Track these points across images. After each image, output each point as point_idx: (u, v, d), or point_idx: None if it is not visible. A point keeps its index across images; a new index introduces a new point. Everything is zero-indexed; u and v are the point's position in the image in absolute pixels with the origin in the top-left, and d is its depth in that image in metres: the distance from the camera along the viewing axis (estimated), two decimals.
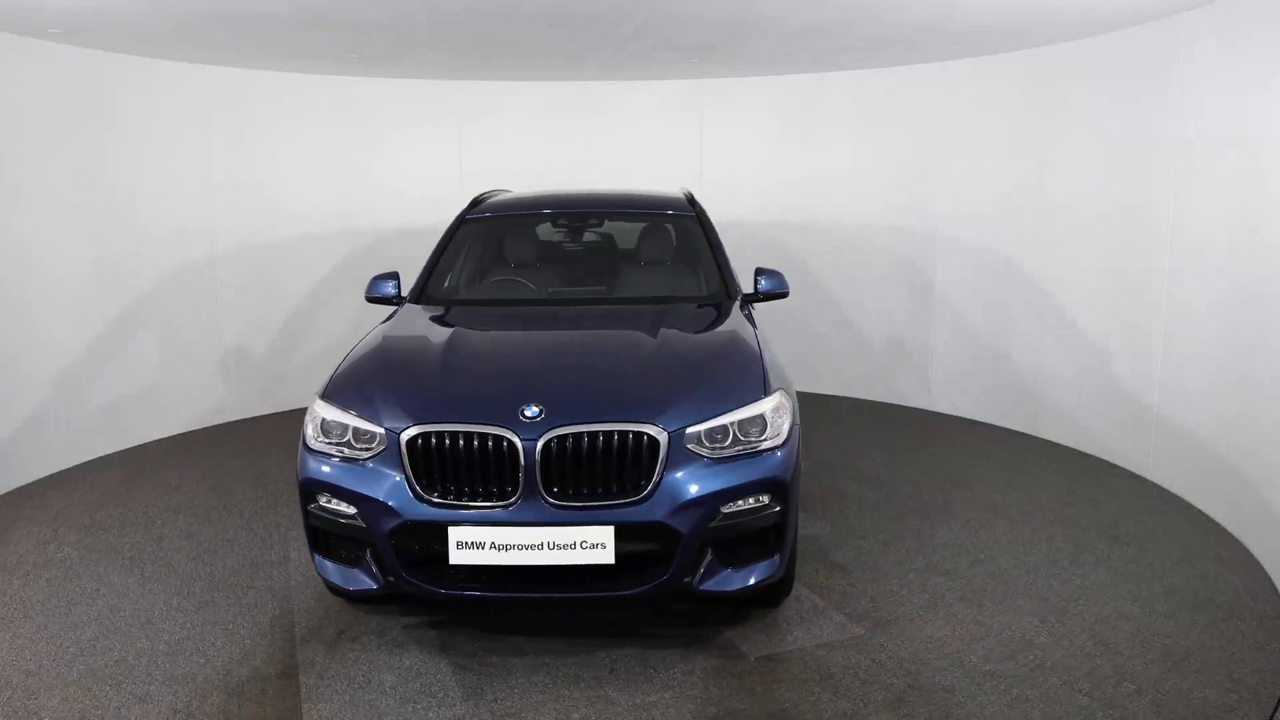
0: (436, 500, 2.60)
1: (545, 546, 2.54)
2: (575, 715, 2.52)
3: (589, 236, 4.32)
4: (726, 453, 2.64)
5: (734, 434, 2.68)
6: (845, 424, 5.37)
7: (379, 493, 2.61)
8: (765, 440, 2.70)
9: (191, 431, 5.31)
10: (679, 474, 2.57)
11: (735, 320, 3.33)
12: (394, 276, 3.77)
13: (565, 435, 2.57)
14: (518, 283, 3.93)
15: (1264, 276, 3.45)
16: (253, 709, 2.59)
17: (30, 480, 4.41)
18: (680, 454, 2.58)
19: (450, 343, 3.12)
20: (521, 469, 2.56)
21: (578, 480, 2.57)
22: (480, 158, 5.94)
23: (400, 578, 2.65)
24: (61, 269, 4.53)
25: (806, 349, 5.95)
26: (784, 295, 3.70)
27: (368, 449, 2.69)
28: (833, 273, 5.93)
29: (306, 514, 2.76)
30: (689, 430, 2.62)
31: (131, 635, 3.01)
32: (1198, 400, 3.95)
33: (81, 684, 2.71)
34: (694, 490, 2.56)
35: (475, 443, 2.59)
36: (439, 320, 3.45)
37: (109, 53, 4.66)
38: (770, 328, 3.98)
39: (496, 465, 2.58)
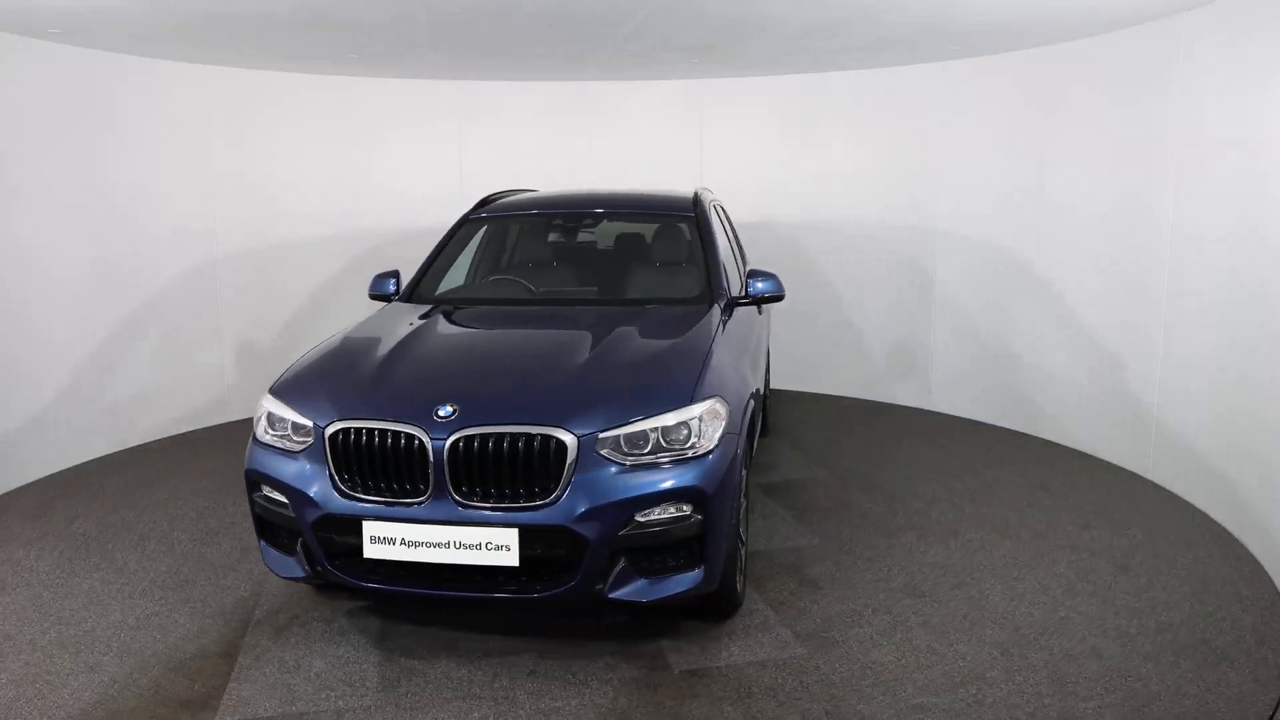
0: (354, 495, 2.67)
1: (452, 545, 2.57)
2: (475, 714, 2.53)
3: (586, 238, 4.33)
4: (644, 459, 2.60)
5: (656, 440, 2.63)
6: (856, 429, 5.29)
7: (306, 485, 2.72)
8: (690, 448, 2.63)
9: (193, 431, 5.44)
10: (589, 479, 2.54)
11: (704, 324, 3.25)
12: (394, 275, 3.90)
13: (474, 436, 2.59)
14: (507, 283, 3.99)
15: (1265, 276, 3.42)
16: (182, 685, 2.73)
17: (29, 480, 4.53)
18: (591, 459, 2.56)
19: (402, 342, 3.16)
20: (431, 467, 2.59)
21: (485, 481, 2.59)
22: (480, 158, 6.01)
23: (325, 568, 2.75)
24: (62, 269, 4.65)
25: (806, 349, 6.01)
26: (778, 298, 3.62)
27: (302, 443, 2.79)
28: (833, 273, 5.94)
29: (251, 502, 2.92)
30: (603, 435, 2.59)
31: (109, 608, 3.22)
32: (1198, 400, 3.97)
33: (47, 650, 2.92)
34: (603, 496, 2.52)
35: (389, 440, 2.65)
36: (413, 319, 3.49)
37: (109, 53, 4.78)
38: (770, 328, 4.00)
39: (408, 463, 2.63)
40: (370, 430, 2.67)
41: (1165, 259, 4.15)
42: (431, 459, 2.60)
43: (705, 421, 2.69)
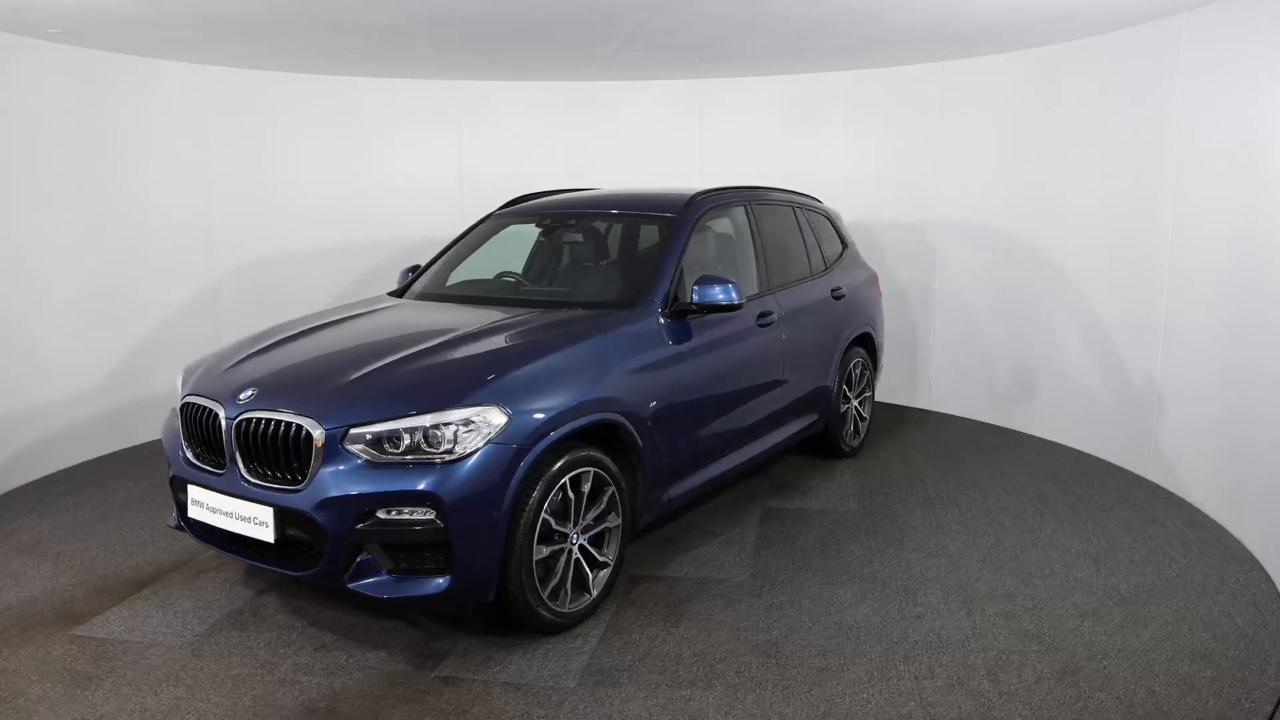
0: (188, 461, 3.03)
1: (233, 516, 2.84)
2: (242, 670, 2.82)
3: (574, 238, 4.25)
4: (392, 458, 2.64)
5: (412, 440, 2.65)
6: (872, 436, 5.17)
7: (171, 450, 3.13)
8: (445, 453, 2.64)
9: None
10: (332, 471, 2.65)
11: (583, 329, 3.17)
12: (413, 269, 4.13)
13: (251, 419, 2.82)
14: (481, 282, 4.01)
15: (1265, 276, 3.39)
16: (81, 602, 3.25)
17: (31, 481, 4.53)
18: (337, 452, 2.66)
19: (299, 330, 3.41)
20: (224, 443, 2.88)
21: (260, 461, 2.81)
22: (480, 158, 5.99)
23: (181, 522, 3.12)
24: (61, 269, 4.61)
25: None
26: (732, 307, 3.41)
27: (176, 413, 3.20)
28: None
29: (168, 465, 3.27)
30: (354, 430, 2.67)
31: (87, 535, 3.78)
32: (1198, 399, 3.94)
33: None
34: (341, 490, 2.62)
35: (203, 415, 2.99)
36: (356, 310, 3.70)
37: (109, 53, 4.75)
38: None
39: (214, 438, 2.93)
40: (193, 405, 3.03)
41: (1165, 259, 4.15)
42: (224, 436, 2.87)
43: (465, 427, 2.65)
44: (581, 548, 2.98)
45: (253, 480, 2.79)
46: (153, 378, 5.06)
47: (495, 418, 2.69)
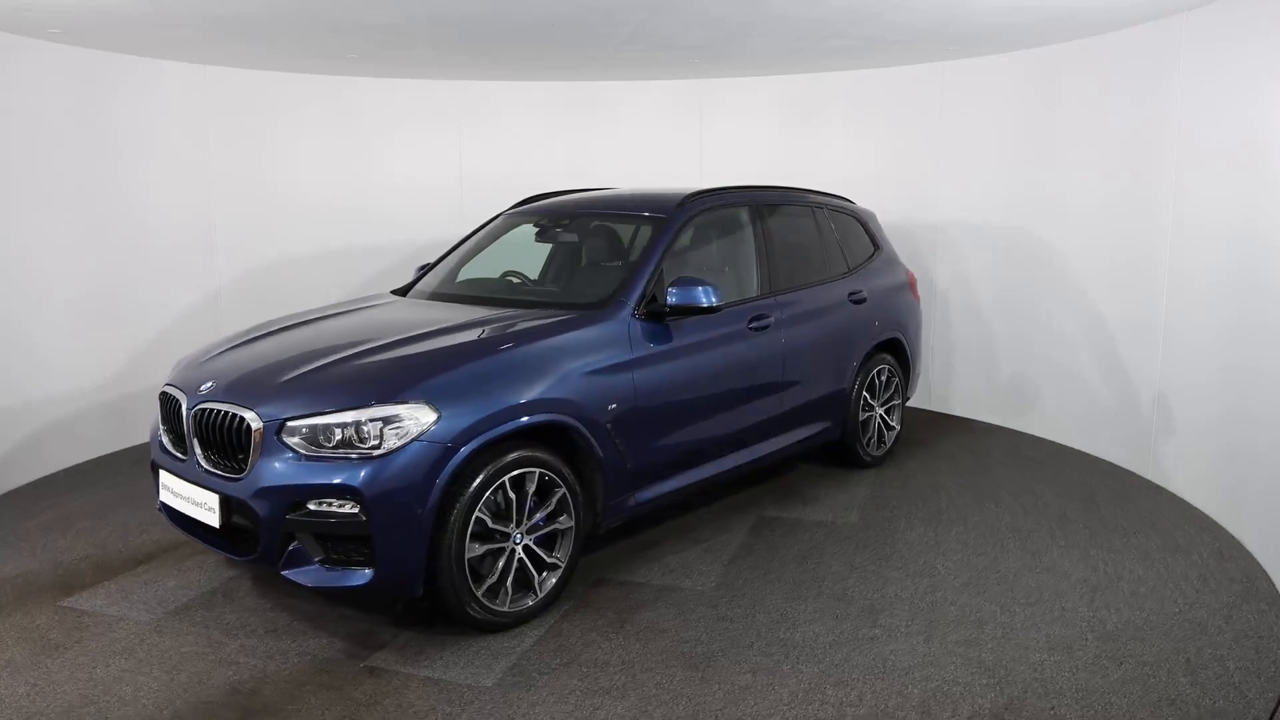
0: (162, 446, 3.19)
1: (190, 501, 2.99)
2: (187, 649, 2.96)
3: (569, 238, 4.26)
4: (324, 451, 2.73)
5: (344, 435, 2.73)
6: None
7: (154, 436, 3.28)
8: (370, 448, 2.71)
9: None
10: (269, 462, 2.77)
11: (531, 331, 3.17)
12: (426, 268, 4.22)
13: (205, 409, 2.97)
14: (482, 281, 4.03)
15: (1265, 276, 3.38)
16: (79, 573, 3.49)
17: (28, 480, 4.55)
18: (274, 444, 2.78)
19: (279, 327, 3.52)
20: (184, 432, 3.04)
21: (213, 449, 2.94)
22: (480, 158, 6.01)
23: (160, 505, 3.25)
24: (61, 269, 4.63)
25: None
26: (708, 310, 3.38)
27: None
28: None
29: None
30: (290, 424, 2.78)
31: (109, 515, 3.99)
32: (1198, 399, 3.94)
33: None
34: (275, 480, 2.75)
35: (172, 405, 3.16)
36: (345, 309, 3.76)
37: (109, 53, 4.77)
38: None
39: (179, 425, 3.09)
40: (165, 394, 3.22)
41: (1165, 259, 4.17)
42: (184, 425, 3.04)
43: (391, 424, 2.72)
44: (527, 548, 2.98)
45: (207, 468, 2.92)
46: (153, 377, 5.03)
47: (424, 415, 2.74)
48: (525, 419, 2.91)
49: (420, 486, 2.69)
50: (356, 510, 2.67)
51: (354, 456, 2.68)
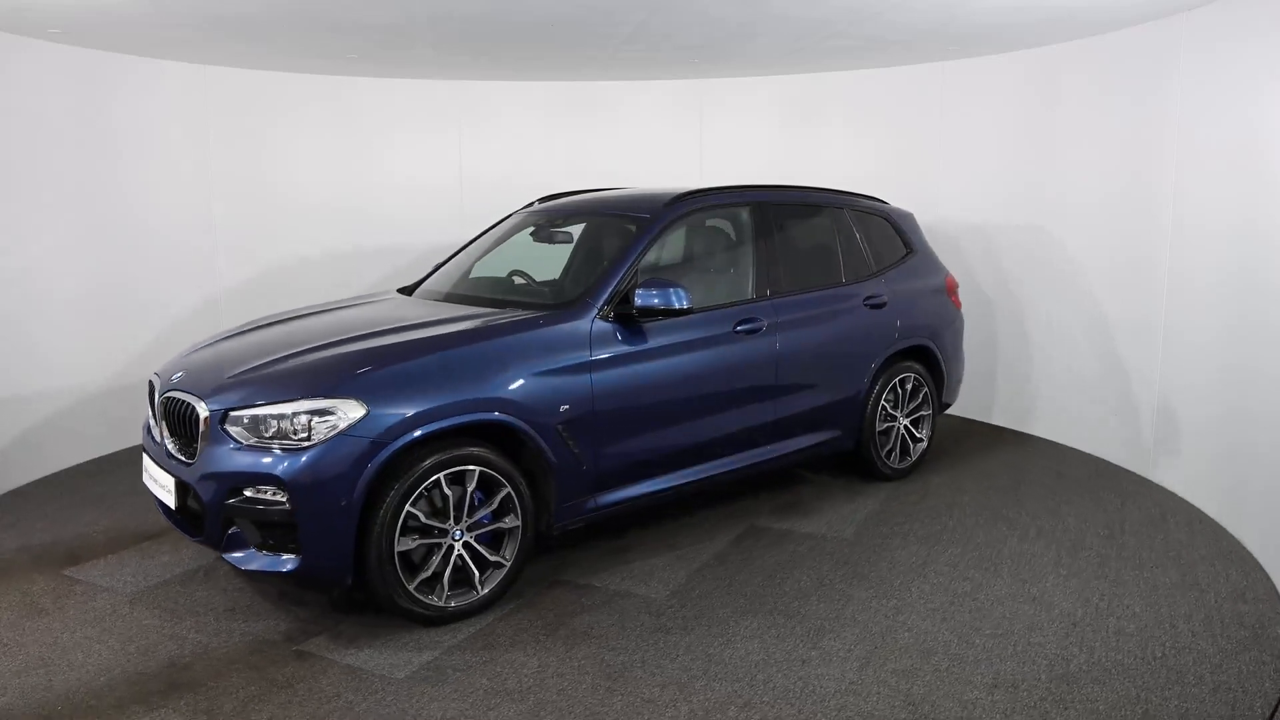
0: (147, 430, 3.34)
1: (157, 483, 3.16)
2: (149, 623, 3.14)
3: (570, 238, 4.28)
4: (261, 441, 2.87)
5: (279, 426, 2.85)
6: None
7: (145, 421, 3.44)
8: (300, 439, 2.83)
9: None
10: (213, 449, 2.92)
11: (482, 330, 3.19)
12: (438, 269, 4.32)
13: (170, 397, 3.15)
14: (485, 281, 4.05)
15: (1265, 276, 3.40)
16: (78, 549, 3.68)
17: (30, 481, 4.57)
18: (219, 433, 2.93)
19: (265, 323, 3.64)
20: (155, 418, 3.23)
21: (176, 435, 3.10)
22: (480, 158, 6.03)
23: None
24: (61, 269, 4.65)
25: None
26: (680, 312, 3.36)
27: None
28: None
29: None
30: (233, 413, 2.92)
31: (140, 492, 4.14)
32: (1198, 399, 3.97)
33: None
34: (216, 466, 2.90)
35: (150, 392, 3.34)
36: (334, 307, 3.85)
37: (109, 53, 4.79)
38: None
39: (155, 412, 3.27)
40: (150, 382, 3.38)
41: (1165, 259, 4.19)
42: (155, 411, 3.22)
43: (318, 417, 2.82)
44: (468, 545, 3.00)
45: (171, 451, 3.08)
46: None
47: (352, 410, 2.82)
48: (459, 418, 2.94)
49: (345, 478, 2.78)
50: (283, 498, 2.79)
51: (285, 447, 2.81)
